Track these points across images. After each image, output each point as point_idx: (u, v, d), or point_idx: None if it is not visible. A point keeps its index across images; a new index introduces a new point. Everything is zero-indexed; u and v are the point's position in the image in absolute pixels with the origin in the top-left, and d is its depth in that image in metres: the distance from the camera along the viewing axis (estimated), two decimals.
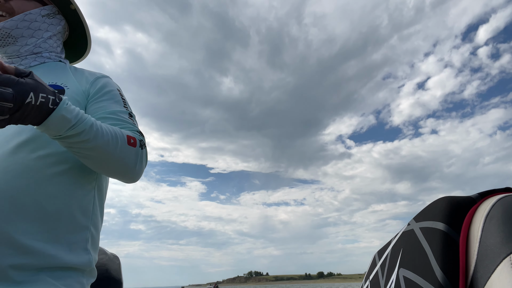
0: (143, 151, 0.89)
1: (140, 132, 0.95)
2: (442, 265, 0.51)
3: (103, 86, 1.01)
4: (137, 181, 0.91)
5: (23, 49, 1.01)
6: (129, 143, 0.84)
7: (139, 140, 0.88)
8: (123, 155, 0.82)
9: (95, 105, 0.95)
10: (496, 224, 0.46)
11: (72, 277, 0.77)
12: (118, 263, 1.47)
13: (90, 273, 0.85)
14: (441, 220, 0.55)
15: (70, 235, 0.79)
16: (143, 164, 0.90)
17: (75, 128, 0.73)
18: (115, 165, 0.83)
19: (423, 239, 0.59)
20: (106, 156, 0.80)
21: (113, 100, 0.98)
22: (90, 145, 0.76)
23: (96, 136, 0.76)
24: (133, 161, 0.85)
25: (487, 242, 0.46)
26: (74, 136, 0.74)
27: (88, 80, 1.01)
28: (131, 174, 0.87)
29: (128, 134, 0.86)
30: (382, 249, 0.85)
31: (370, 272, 0.89)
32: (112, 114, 0.93)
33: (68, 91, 0.93)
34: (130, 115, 0.98)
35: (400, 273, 0.65)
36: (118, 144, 0.81)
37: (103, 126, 0.79)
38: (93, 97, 0.97)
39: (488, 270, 0.44)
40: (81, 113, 0.75)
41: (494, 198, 0.51)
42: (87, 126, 0.75)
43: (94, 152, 0.78)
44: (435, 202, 0.61)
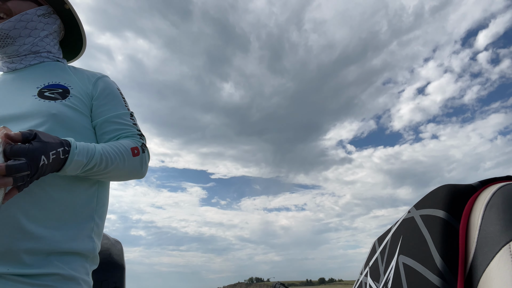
0: (145, 153, 0.99)
1: (140, 134, 1.03)
2: (441, 252, 0.51)
3: (104, 87, 1.05)
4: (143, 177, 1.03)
5: (22, 48, 1.04)
6: (133, 155, 0.94)
7: (141, 146, 0.98)
8: (131, 167, 0.93)
9: (99, 108, 1.01)
10: (496, 212, 0.46)
11: (77, 262, 0.83)
12: (120, 248, 1.49)
13: (93, 260, 0.91)
14: (441, 208, 0.56)
15: (76, 223, 0.85)
16: (147, 163, 1.01)
17: (88, 165, 0.81)
18: (125, 176, 0.95)
19: (423, 227, 0.60)
20: (118, 173, 0.91)
21: (114, 102, 1.04)
22: (103, 172, 0.86)
23: (107, 164, 0.86)
24: (139, 167, 0.96)
25: (487, 230, 0.47)
26: (87, 170, 0.83)
27: (90, 80, 1.05)
28: (138, 176, 0.99)
29: (132, 146, 0.95)
30: (382, 236, 0.86)
31: (370, 258, 0.90)
32: (116, 118, 1.01)
33: (72, 91, 0.98)
34: (131, 115, 1.06)
35: (400, 260, 0.66)
36: (125, 161, 0.91)
37: (110, 152, 0.87)
38: (97, 99, 1.02)
39: (487, 258, 0.44)
40: (90, 149, 0.82)
41: (495, 186, 0.51)
42: (97, 159, 0.83)
43: (107, 175, 0.89)
44: (436, 190, 0.61)
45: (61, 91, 0.98)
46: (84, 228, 0.87)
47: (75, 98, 0.97)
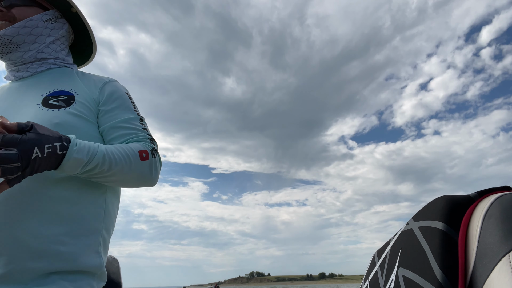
0: (156, 158, 0.93)
1: (151, 138, 0.98)
2: (441, 264, 0.51)
3: (112, 92, 1.01)
4: (155, 185, 0.97)
5: (26, 55, 1.01)
6: (141, 158, 0.88)
7: (151, 150, 0.92)
8: (139, 172, 0.88)
9: (107, 113, 0.96)
10: (495, 222, 0.46)
11: (83, 280, 0.79)
12: (117, 266, 1.47)
13: (101, 277, 0.86)
14: (439, 219, 0.55)
15: (82, 238, 0.81)
16: (158, 170, 0.95)
17: (89, 165, 0.77)
18: (133, 182, 0.89)
19: (422, 239, 0.59)
20: (123, 177, 0.85)
21: (123, 106, 1.00)
22: (107, 174, 0.81)
23: (111, 165, 0.81)
24: (148, 173, 0.90)
25: (485, 240, 0.46)
26: (89, 171, 0.78)
27: (97, 85, 1.01)
28: (148, 183, 0.93)
29: (140, 149, 0.89)
30: (381, 249, 0.85)
31: (370, 272, 0.89)
32: (124, 122, 0.96)
33: (77, 98, 0.94)
34: (141, 120, 1.01)
35: (400, 273, 0.65)
36: (132, 164, 0.85)
37: (115, 152, 0.83)
38: (104, 104, 0.98)
39: (487, 269, 0.44)
40: (92, 148, 0.78)
41: (493, 196, 0.51)
42: (100, 159, 0.78)
43: (111, 178, 0.84)
44: (434, 201, 0.61)
45: (66, 98, 0.94)
46: (91, 243, 0.82)
47: (80, 104, 0.93)
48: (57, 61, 1.07)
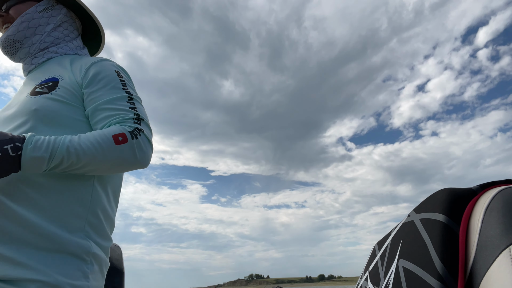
0: (139, 139, 0.85)
1: (137, 117, 0.90)
2: (441, 256, 0.51)
3: (97, 73, 0.96)
4: (147, 165, 0.90)
5: (32, 48, 1.04)
6: (117, 142, 0.81)
7: (131, 132, 0.85)
8: (117, 157, 0.81)
9: (90, 96, 0.92)
10: (496, 216, 0.46)
11: (69, 264, 0.75)
12: (119, 253, 1.49)
13: (95, 261, 0.82)
14: (441, 212, 0.56)
15: (62, 223, 0.78)
16: (145, 150, 0.87)
17: (52, 160, 0.73)
18: (116, 168, 0.83)
19: (423, 230, 0.60)
20: (101, 166, 0.80)
21: (109, 87, 0.94)
22: (78, 166, 0.77)
23: (78, 156, 0.76)
24: (130, 156, 0.83)
25: (486, 233, 0.47)
26: (57, 166, 0.75)
27: (82, 68, 0.97)
28: (136, 165, 0.86)
29: (115, 133, 0.82)
30: (382, 240, 0.85)
31: (370, 262, 0.89)
32: (107, 104, 0.90)
33: (61, 82, 0.93)
34: (129, 98, 0.94)
35: (400, 264, 0.66)
36: (105, 151, 0.79)
37: (82, 142, 0.78)
38: (87, 86, 0.93)
39: (487, 262, 0.44)
40: (51, 142, 0.74)
41: (495, 190, 0.51)
42: (63, 153, 0.74)
43: (84, 169, 0.79)
44: (436, 194, 0.61)
45: (50, 84, 0.93)
46: (73, 227, 0.79)
47: (63, 89, 0.91)
48: (60, 48, 1.07)
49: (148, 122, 0.94)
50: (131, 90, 0.98)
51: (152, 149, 0.90)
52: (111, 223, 0.93)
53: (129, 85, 1.00)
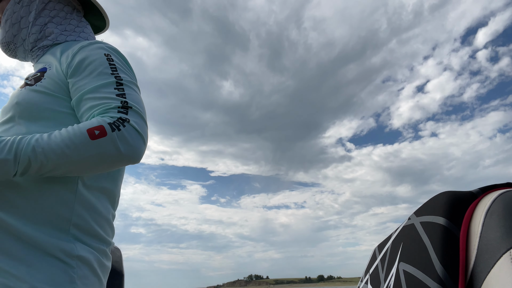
0: (122, 131, 0.74)
1: (124, 105, 0.79)
2: (442, 260, 0.51)
3: (83, 58, 0.86)
4: (139, 159, 0.79)
5: (25, 44, 0.97)
6: (93, 137, 0.71)
7: (112, 123, 0.74)
8: (96, 153, 0.71)
9: (75, 85, 0.83)
10: (497, 219, 0.46)
11: (53, 269, 0.69)
12: (119, 255, 1.48)
13: (81, 266, 0.74)
14: (441, 215, 0.55)
15: (46, 226, 0.73)
16: (131, 142, 0.75)
17: (19, 163, 0.67)
18: (94, 166, 0.73)
19: (423, 234, 0.60)
20: (74, 165, 0.71)
21: (95, 73, 0.83)
22: (49, 167, 0.69)
23: (47, 155, 0.68)
24: (112, 150, 0.72)
25: (487, 237, 0.46)
26: (26, 169, 0.68)
27: (69, 55, 0.88)
28: (121, 161, 0.75)
29: (91, 127, 0.72)
30: (382, 243, 0.85)
31: (370, 265, 0.89)
32: (91, 93, 0.80)
33: (48, 73, 0.87)
34: (118, 84, 0.83)
35: (400, 267, 0.65)
36: (78, 148, 0.70)
37: (52, 139, 0.70)
38: (72, 75, 0.84)
39: (488, 265, 0.44)
40: (15, 143, 0.68)
41: (495, 193, 0.51)
42: (28, 153, 0.67)
43: (60, 170, 0.71)
44: (436, 197, 0.61)
45: (38, 75, 0.87)
46: (57, 229, 0.73)
47: (47, 80, 0.84)
48: (53, 38, 0.98)
49: (139, 109, 0.82)
50: (122, 74, 0.86)
51: (143, 140, 0.78)
52: (104, 224, 0.85)
53: (121, 68, 0.88)
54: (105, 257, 0.83)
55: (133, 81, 0.88)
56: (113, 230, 0.91)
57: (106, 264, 0.84)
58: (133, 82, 0.88)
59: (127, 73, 0.89)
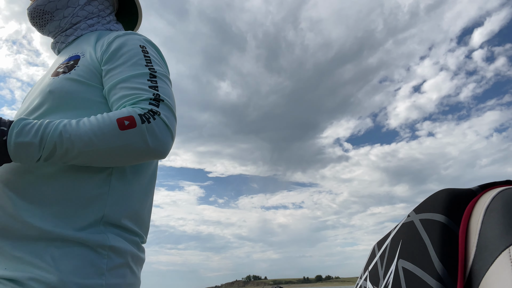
0: (152, 124, 0.71)
1: (156, 98, 0.76)
2: (441, 257, 0.51)
3: (118, 47, 0.85)
4: (166, 154, 0.76)
5: (63, 22, 0.97)
6: (122, 127, 0.68)
7: (142, 115, 0.71)
8: (122, 144, 0.69)
9: (108, 73, 0.82)
10: (496, 216, 0.46)
11: (81, 258, 0.67)
12: None
13: (113, 257, 0.71)
14: (441, 212, 0.56)
15: (75, 216, 0.70)
16: (160, 136, 0.73)
17: (44, 148, 0.64)
18: (120, 158, 0.71)
19: (422, 231, 0.60)
20: (100, 155, 0.68)
21: (130, 63, 0.82)
22: (74, 154, 0.66)
23: (73, 142, 0.66)
24: (139, 143, 0.70)
25: (486, 234, 0.47)
26: (50, 155, 0.66)
27: (105, 42, 0.87)
28: (148, 155, 0.73)
29: (121, 117, 0.70)
30: (382, 240, 0.85)
31: (369, 263, 0.89)
32: (124, 82, 0.78)
33: (81, 60, 0.85)
34: (151, 76, 0.81)
35: (399, 264, 0.66)
36: (106, 137, 0.68)
37: (80, 126, 0.68)
38: (106, 62, 0.83)
39: (487, 262, 0.44)
40: (42, 127, 0.66)
41: (495, 190, 0.51)
42: (55, 137, 0.65)
43: (85, 158, 0.68)
44: (435, 194, 0.61)
45: (72, 63, 0.85)
46: (86, 219, 0.71)
47: (81, 68, 0.83)
48: (91, 25, 0.99)
49: (170, 103, 0.79)
50: (156, 66, 0.84)
51: (171, 135, 0.76)
52: (139, 216, 0.82)
53: (155, 61, 0.86)
54: (138, 248, 0.81)
55: (166, 75, 0.87)
56: (148, 221, 0.88)
57: (140, 256, 0.82)
58: (166, 75, 0.87)
59: (161, 66, 0.87)
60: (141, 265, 0.83)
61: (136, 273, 0.78)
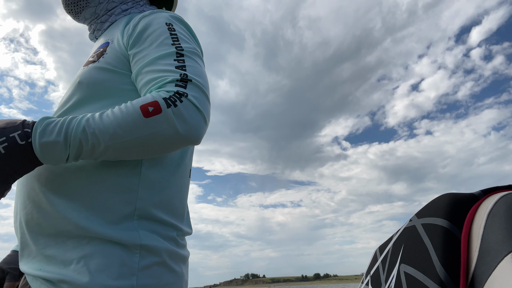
0: (179, 107, 0.65)
1: (182, 78, 0.70)
2: (443, 261, 0.51)
3: (143, 28, 0.80)
4: (199, 140, 0.70)
5: (99, 8, 0.95)
6: (147, 115, 0.63)
7: (166, 99, 0.65)
8: (149, 133, 0.63)
9: (135, 57, 0.77)
10: (499, 221, 0.46)
11: (109, 259, 0.64)
12: None
13: (147, 256, 0.68)
14: (443, 217, 0.55)
15: (106, 214, 0.67)
16: (190, 120, 0.66)
17: (70, 146, 0.61)
18: (149, 147, 0.65)
19: (424, 235, 0.59)
20: (127, 146, 0.63)
21: (155, 44, 0.76)
22: (101, 149, 0.63)
23: (97, 136, 0.62)
24: (166, 130, 0.64)
25: (489, 239, 0.46)
26: (78, 153, 0.63)
27: (131, 25, 0.82)
28: (178, 142, 0.67)
29: (144, 103, 0.64)
30: (384, 245, 0.85)
31: (371, 267, 0.89)
32: (149, 65, 0.73)
33: (110, 46, 0.82)
34: (178, 54, 0.74)
35: (401, 269, 0.65)
36: (131, 127, 0.63)
37: (103, 119, 0.64)
38: (132, 46, 0.78)
39: (489, 267, 0.44)
40: (65, 124, 0.62)
41: (497, 195, 0.51)
42: (79, 134, 0.61)
43: (112, 152, 0.64)
44: (438, 199, 0.60)
45: (101, 50, 0.82)
46: (117, 217, 0.68)
47: (109, 55, 0.80)
48: (125, 10, 0.96)
49: (200, 82, 0.72)
50: (184, 44, 0.78)
51: (203, 117, 0.69)
52: (175, 209, 0.78)
53: (183, 38, 0.80)
54: (176, 245, 0.75)
55: (196, 51, 0.80)
56: (185, 211, 0.84)
57: (179, 253, 0.76)
58: (196, 52, 0.79)
59: (190, 43, 0.80)
60: (184, 262, 0.78)
61: (177, 271, 0.73)
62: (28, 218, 0.69)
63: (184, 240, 0.81)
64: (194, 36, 0.87)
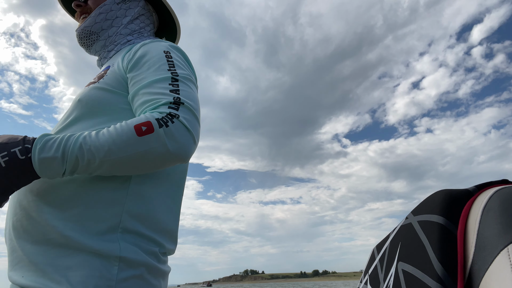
0: (170, 128, 0.70)
1: (176, 101, 0.75)
2: (440, 258, 0.51)
3: (143, 54, 0.86)
4: (188, 158, 0.74)
5: (108, 41, 1.02)
6: (140, 134, 0.68)
7: (159, 119, 0.70)
8: (141, 150, 0.68)
9: (132, 80, 0.83)
10: (494, 216, 0.46)
11: (90, 270, 0.66)
12: None
13: (125, 268, 0.69)
14: (438, 213, 0.56)
15: (90, 226, 0.70)
16: (180, 139, 0.71)
17: (67, 161, 0.66)
18: (141, 164, 0.70)
19: (421, 233, 0.60)
20: (122, 163, 0.68)
21: (152, 69, 0.82)
22: (96, 165, 0.67)
23: (93, 153, 0.66)
24: (158, 148, 0.69)
25: (484, 234, 0.47)
26: (74, 168, 0.67)
27: (132, 51, 0.89)
28: (169, 160, 0.71)
29: (138, 123, 0.69)
30: (381, 243, 0.85)
31: (369, 266, 0.89)
32: (145, 88, 0.79)
33: (111, 69, 0.89)
34: (173, 80, 0.80)
35: (399, 267, 0.65)
36: (125, 145, 0.68)
37: (99, 136, 0.68)
38: (131, 70, 0.85)
39: (486, 262, 0.44)
40: (63, 141, 0.67)
41: (491, 190, 0.51)
42: (76, 150, 0.66)
43: (106, 167, 0.68)
44: (433, 196, 0.61)
45: (102, 73, 0.90)
46: (101, 229, 0.70)
47: (109, 77, 0.86)
48: (129, 40, 1.03)
49: (192, 106, 0.77)
50: (179, 70, 0.84)
51: (192, 137, 0.74)
52: (162, 224, 0.81)
53: (179, 65, 0.86)
54: (157, 260, 0.78)
55: (190, 77, 0.86)
56: (174, 230, 0.86)
57: (159, 268, 0.78)
58: (190, 78, 0.85)
59: (185, 70, 0.87)
60: (164, 277, 0.80)
61: (156, 286, 0.75)
62: (17, 225, 0.72)
63: (165, 257, 0.84)
64: (189, 64, 0.94)
